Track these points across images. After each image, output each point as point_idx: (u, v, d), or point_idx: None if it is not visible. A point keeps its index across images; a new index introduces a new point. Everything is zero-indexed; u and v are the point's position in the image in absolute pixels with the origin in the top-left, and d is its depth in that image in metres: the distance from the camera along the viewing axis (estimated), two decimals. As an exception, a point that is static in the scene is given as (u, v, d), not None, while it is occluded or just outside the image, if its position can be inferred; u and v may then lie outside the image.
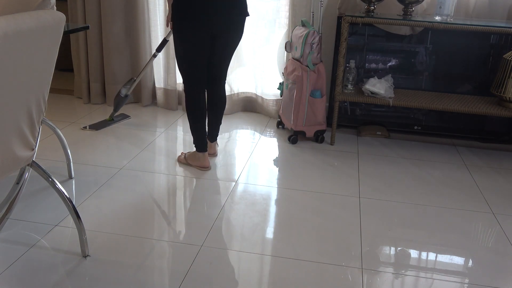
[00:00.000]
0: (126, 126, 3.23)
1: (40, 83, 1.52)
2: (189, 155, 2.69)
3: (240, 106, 3.62)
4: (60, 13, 1.50)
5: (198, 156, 2.63)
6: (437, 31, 3.08)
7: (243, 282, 1.73)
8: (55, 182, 1.76)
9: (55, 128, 2.42)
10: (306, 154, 2.90)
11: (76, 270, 1.74)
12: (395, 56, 3.18)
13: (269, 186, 2.47)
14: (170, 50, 3.41)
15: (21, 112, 1.48)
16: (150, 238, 1.96)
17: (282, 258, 1.87)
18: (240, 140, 3.08)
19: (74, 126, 3.19)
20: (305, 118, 2.98)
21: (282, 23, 3.34)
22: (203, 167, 2.63)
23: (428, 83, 3.21)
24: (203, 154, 2.63)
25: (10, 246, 1.86)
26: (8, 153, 1.49)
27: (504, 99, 2.87)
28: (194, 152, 2.66)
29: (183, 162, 2.70)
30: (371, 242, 2.01)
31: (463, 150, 3.07)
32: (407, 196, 2.43)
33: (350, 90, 3.05)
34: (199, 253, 1.88)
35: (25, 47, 1.36)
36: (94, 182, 2.42)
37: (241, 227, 2.08)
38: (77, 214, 1.80)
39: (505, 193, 2.52)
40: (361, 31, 3.16)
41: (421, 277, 1.81)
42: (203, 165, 2.63)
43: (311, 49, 2.88)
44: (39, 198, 2.23)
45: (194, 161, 2.65)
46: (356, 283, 1.75)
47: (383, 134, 3.23)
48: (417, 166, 2.79)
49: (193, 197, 2.33)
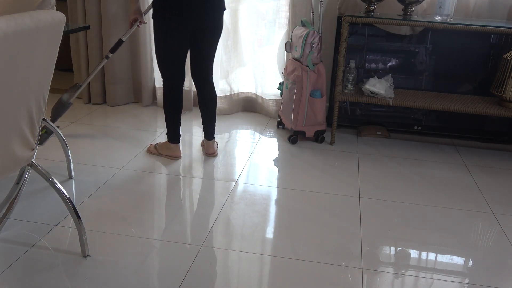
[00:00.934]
0: (126, 126, 3.23)
1: (40, 83, 1.52)
2: (160, 145, 2.78)
3: (240, 106, 3.62)
4: (60, 13, 1.50)
5: (170, 146, 2.72)
6: (437, 31, 3.08)
7: (243, 282, 1.73)
8: (55, 182, 1.76)
9: (55, 128, 2.42)
10: (306, 154, 2.90)
11: (76, 270, 1.74)
12: (395, 56, 3.18)
13: (269, 186, 2.47)
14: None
15: (21, 112, 1.48)
16: (150, 238, 1.96)
17: (282, 258, 1.87)
18: (240, 140, 3.08)
19: (74, 126, 3.19)
20: (305, 118, 2.98)
21: (282, 23, 3.34)
22: (174, 156, 2.72)
23: (428, 83, 3.21)
24: (176, 145, 2.72)
25: (10, 246, 1.86)
26: (8, 153, 1.49)
27: (504, 99, 2.87)
28: (166, 142, 2.74)
29: (153, 152, 2.79)
30: (371, 242, 2.01)
31: (463, 150, 3.07)
32: (407, 196, 2.43)
33: (350, 90, 3.05)
34: (199, 253, 1.88)
35: (25, 47, 1.36)
36: (94, 182, 2.42)
37: (241, 227, 2.08)
38: (77, 214, 1.80)
39: (505, 193, 2.52)
40: (361, 31, 3.16)
41: (421, 277, 1.81)
42: (175, 154, 2.73)
43: (311, 49, 2.88)
44: (39, 198, 2.23)
45: (165, 151, 2.74)
46: (356, 283, 1.75)
47: (383, 134, 3.23)
48: (417, 166, 2.79)
49: (193, 197, 2.33)
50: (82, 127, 3.16)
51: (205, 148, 2.81)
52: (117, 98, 3.62)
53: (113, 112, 3.50)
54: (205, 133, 2.78)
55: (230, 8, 3.34)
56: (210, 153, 2.79)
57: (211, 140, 2.78)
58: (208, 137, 2.78)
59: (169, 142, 2.72)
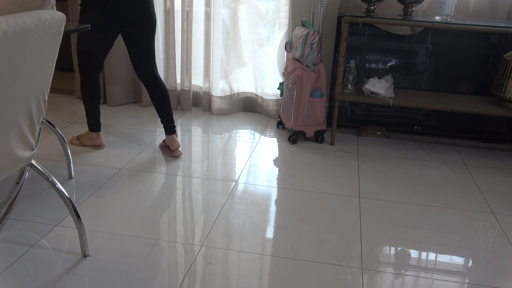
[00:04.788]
0: (126, 126, 3.23)
1: (40, 83, 1.52)
2: (82, 136, 2.81)
3: (240, 106, 3.62)
4: (60, 13, 1.50)
5: (92, 136, 2.77)
6: (437, 31, 3.08)
7: (243, 282, 1.73)
8: (55, 182, 1.76)
9: (55, 128, 2.42)
10: (306, 154, 2.90)
11: (76, 270, 1.74)
12: (395, 56, 3.18)
13: (269, 186, 2.47)
14: (169, 51, 3.42)
15: (21, 112, 1.48)
16: (150, 238, 1.96)
17: (282, 258, 1.87)
18: (240, 140, 3.08)
19: (74, 126, 3.19)
20: (305, 118, 2.98)
21: (282, 23, 3.34)
22: (98, 145, 2.79)
23: (428, 83, 3.21)
24: (97, 134, 2.77)
25: (10, 246, 1.86)
26: (8, 153, 1.49)
27: (504, 99, 2.87)
28: (88, 132, 2.78)
29: (76, 143, 2.82)
30: (371, 242, 2.01)
31: (463, 150, 3.07)
32: (407, 196, 2.43)
33: (350, 90, 3.05)
34: (199, 253, 1.88)
35: (25, 47, 1.36)
36: (94, 182, 2.42)
37: (241, 227, 2.08)
38: (77, 214, 1.80)
39: (505, 193, 2.52)
40: (361, 31, 3.16)
41: (421, 277, 1.81)
42: (98, 143, 2.78)
43: (311, 49, 2.88)
44: (39, 198, 2.23)
45: (88, 141, 2.79)
46: (356, 283, 1.75)
47: (383, 134, 3.23)
48: (417, 166, 2.79)
49: (193, 197, 2.33)
50: (82, 127, 3.16)
51: (169, 145, 2.73)
52: (117, 98, 3.62)
53: (113, 112, 3.50)
54: (165, 128, 2.73)
55: (230, 8, 3.34)
56: (175, 148, 2.71)
57: (172, 134, 2.72)
58: (169, 131, 2.71)
59: (90, 132, 2.76)
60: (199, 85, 3.59)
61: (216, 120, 3.43)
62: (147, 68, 2.64)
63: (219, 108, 3.51)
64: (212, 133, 3.19)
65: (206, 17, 3.33)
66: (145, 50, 2.59)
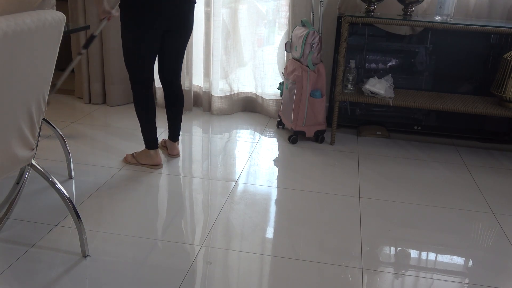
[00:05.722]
0: (126, 126, 3.23)
1: (40, 83, 1.52)
2: (139, 153, 2.63)
3: (240, 106, 3.62)
4: (60, 13, 1.50)
5: (150, 153, 2.58)
6: (437, 31, 3.08)
7: (243, 282, 1.73)
8: (55, 182, 1.76)
9: (55, 128, 2.42)
10: (306, 154, 2.90)
11: (76, 270, 1.74)
12: (395, 56, 3.18)
13: (269, 186, 2.47)
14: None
15: (21, 112, 1.48)
16: (150, 238, 1.96)
17: (282, 258, 1.87)
18: (240, 140, 3.08)
19: (74, 126, 3.19)
20: (305, 118, 2.98)
21: (282, 23, 3.34)
22: (156, 164, 2.59)
23: (428, 83, 3.21)
24: (155, 151, 2.59)
25: (10, 246, 1.86)
26: (8, 153, 1.49)
27: (504, 99, 2.87)
28: (145, 150, 2.60)
29: (132, 162, 2.62)
30: (371, 242, 2.01)
31: (463, 150, 3.07)
32: (407, 196, 2.43)
33: (350, 90, 3.05)
34: (199, 253, 1.88)
35: (25, 47, 1.36)
36: (94, 182, 2.42)
37: (241, 227, 2.08)
38: (77, 214, 1.80)
39: (505, 193, 2.52)
40: (361, 31, 3.16)
41: (421, 277, 1.81)
42: (156, 162, 2.59)
43: (311, 49, 2.88)
44: (39, 198, 2.23)
45: (145, 160, 2.59)
46: (356, 283, 1.75)
47: (383, 134, 3.23)
48: (417, 166, 2.79)
49: (193, 197, 2.33)
50: (82, 127, 3.17)
51: (168, 149, 2.76)
52: (117, 98, 3.62)
53: (113, 112, 3.50)
54: (170, 134, 2.73)
55: (230, 8, 3.34)
56: (173, 154, 2.74)
57: (175, 141, 2.75)
58: (173, 139, 2.74)
59: (147, 149, 2.59)
60: (199, 85, 3.60)
61: (216, 120, 3.43)
62: (172, 72, 2.57)
63: (219, 108, 3.52)
64: (212, 133, 3.19)
65: (206, 17, 3.33)
66: (176, 55, 2.52)
